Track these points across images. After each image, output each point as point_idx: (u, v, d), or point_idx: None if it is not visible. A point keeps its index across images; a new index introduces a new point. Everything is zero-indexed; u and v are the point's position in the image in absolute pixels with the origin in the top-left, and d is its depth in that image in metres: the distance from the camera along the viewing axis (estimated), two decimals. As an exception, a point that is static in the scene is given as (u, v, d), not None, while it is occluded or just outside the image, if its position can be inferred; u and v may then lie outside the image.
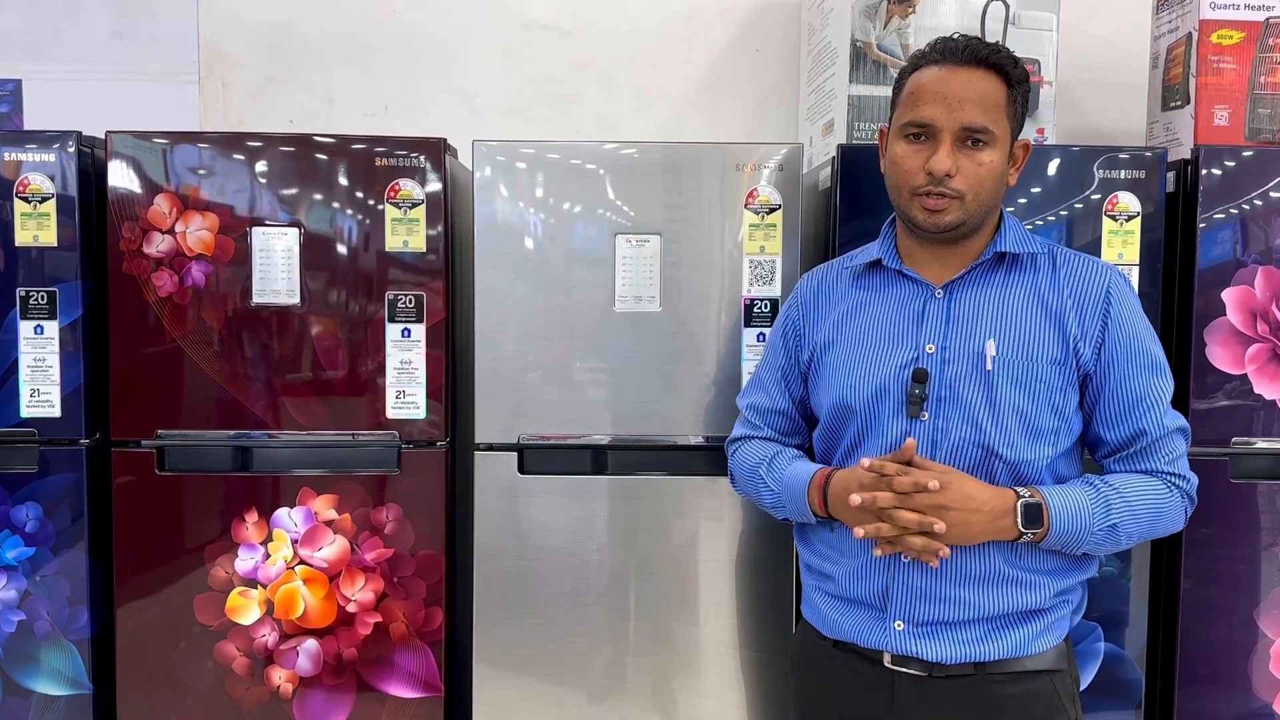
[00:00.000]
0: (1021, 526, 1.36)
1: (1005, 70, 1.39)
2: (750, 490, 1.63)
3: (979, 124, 1.37)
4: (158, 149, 2.03)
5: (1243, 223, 1.99)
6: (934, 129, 1.38)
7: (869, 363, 1.46)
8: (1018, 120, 1.43)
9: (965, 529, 1.34)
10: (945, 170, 1.37)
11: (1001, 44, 1.43)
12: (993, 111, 1.38)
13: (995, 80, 1.39)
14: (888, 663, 1.43)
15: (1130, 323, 1.43)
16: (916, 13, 2.18)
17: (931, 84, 1.39)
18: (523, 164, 2.03)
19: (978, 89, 1.37)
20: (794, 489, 1.50)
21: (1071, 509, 1.37)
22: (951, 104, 1.37)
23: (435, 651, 2.10)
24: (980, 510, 1.34)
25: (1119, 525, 1.38)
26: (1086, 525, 1.37)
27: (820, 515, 1.48)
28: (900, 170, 1.42)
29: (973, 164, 1.38)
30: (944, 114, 1.37)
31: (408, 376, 2.07)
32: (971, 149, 1.38)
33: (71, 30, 2.72)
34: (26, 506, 2.05)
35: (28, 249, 2.03)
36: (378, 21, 2.72)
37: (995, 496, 1.36)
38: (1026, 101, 1.44)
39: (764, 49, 2.76)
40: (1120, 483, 1.41)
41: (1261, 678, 2.04)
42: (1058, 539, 1.37)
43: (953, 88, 1.37)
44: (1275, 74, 2.12)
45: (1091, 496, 1.38)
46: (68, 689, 2.08)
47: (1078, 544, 1.39)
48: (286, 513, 2.07)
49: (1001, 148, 1.40)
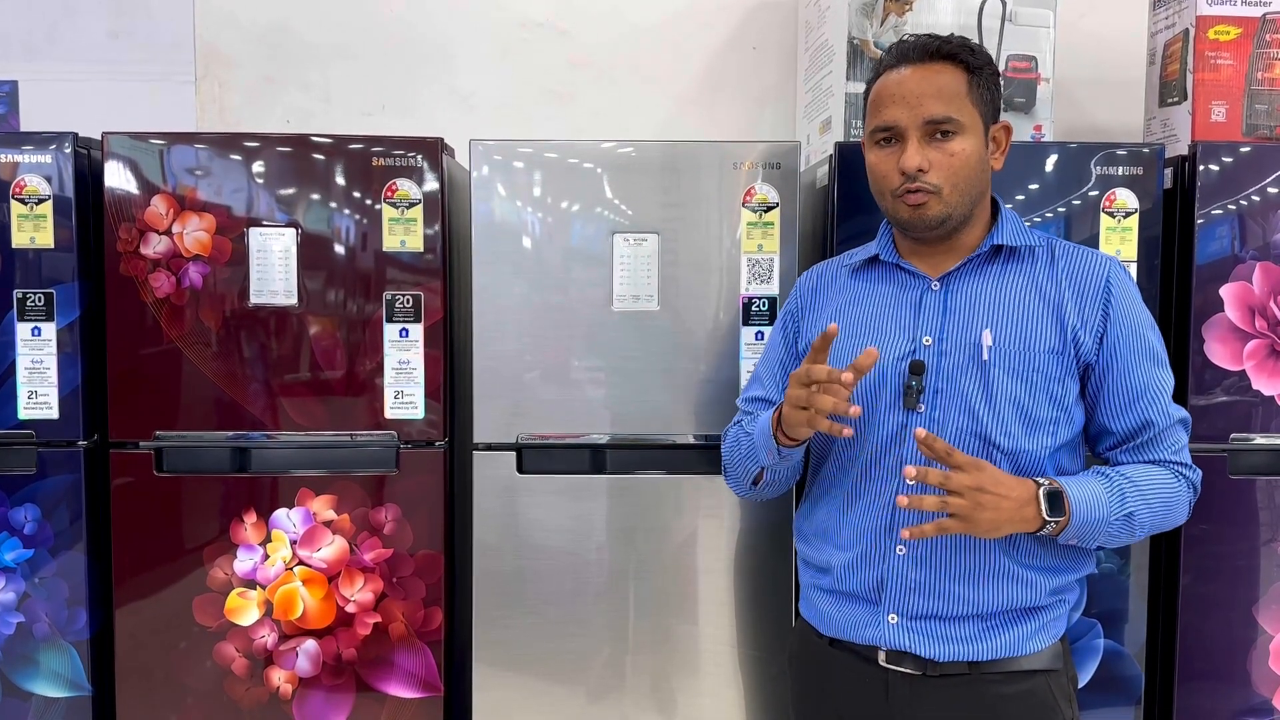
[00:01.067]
0: (1046, 514, 1.33)
1: (961, 58, 1.40)
2: (733, 455, 1.59)
3: (940, 115, 1.38)
4: (154, 150, 2.03)
5: (1240, 219, 1.99)
6: (899, 129, 1.40)
7: None
8: (988, 104, 1.43)
9: (996, 514, 1.31)
10: (916, 166, 1.38)
11: (956, 35, 1.43)
12: (954, 101, 1.39)
13: (953, 69, 1.40)
14: (882, 661, 1.43)
15: (1132, 313, 1.42)
16: (913, 10, 2.18)
17: (890, 87, 1.41)
18: (520, 163, 2.02)
19: (934, 82, 1.39)
20: (762, 426, 1.48)
21: (1089, 498, 1.35)
22: (910, 102, 1.39)
23: (435, 651, 2.10)
24: (1009, 496, 1.32)
25: (1135, 514, 1.37)
26: (1105, 515, 1.35)
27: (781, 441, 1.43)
28: (878, 175, 1.44)
29: (944, 155, 1.38)
30: (905, 113, 1.39)
31: (406, 376, 2.06)
32: (941, 141, 1.39)
33: (68, 31, 2.71)
34: (25, 508, 2.05)
35: (24, 251, 2.03)
36: (374, 21, 2.72)
37: (1020, 484, 1.34)
38: (996, 85, 1.45)
39: (761, 47, 2.76)
40: (1131, 472, 1.40)
41: (1261, 673, 2.04)
42: (1077, 529, 1.35)
43: (909, 86, 1.39)
44: (1272, 70, 2.12)
45: (1106, 486, 1.37)
46: (67, 690, 2.08)
47: (1094, 535, 1.37)
48: (285, 513, 2.07)
49: (973, 134, 1.40)
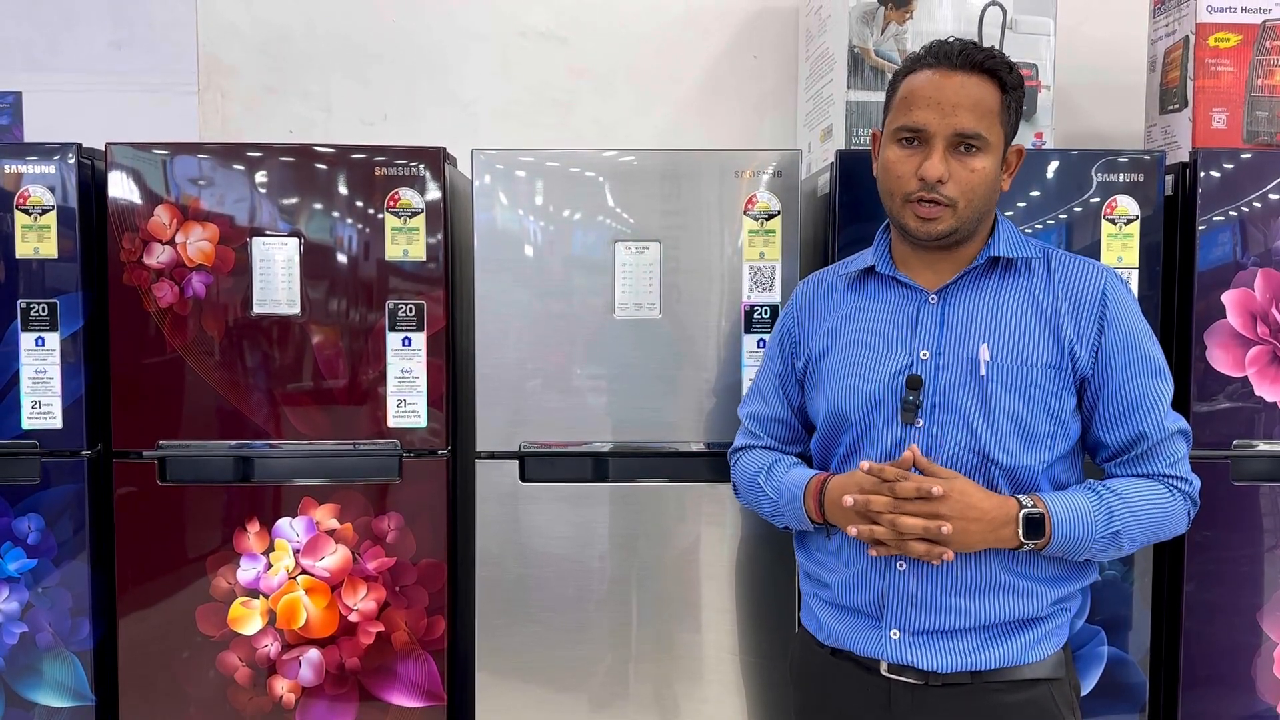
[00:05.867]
0: (1023, 537, 1.35)
1: (1000, 75, 1.38)
2: (751, 500, 1.62)
3: (972, 130, 1.36)
4: (157, 160, 2.04)
5: (1242, 225, 2.00)
6: (927, 134, 1.37)
7: (863, 370, 1.45)
8: (1011, 126, 1.42)
9: (964, 537, 1.34)
10: (937, 176, 1.36)
11: (996, 49, 1.42)
12: (986, 117, 1.37)
13: (990, 85, 1.38)
14: (884, 671, 1.43)
15: (1127, 325, 1.42)
16: (914, 18, 2.18)
17: (925, 88, 1.38)
18: (522, 172, 2.03)
19: (971, 94, 1.36)
20: (791, 496, 1.50)
21: (1074, 518, 1.36)
22: (944, 109, 1.36)
23: (437, 660, 2.10)
24: (980, 520, 1.33)
25: (1121, 532, 1.37)
26: (1089, 533, 1.36)
27: (817, 521, 1.47)
28: (892, 175, 1.41)
29: (965, 170, 1.37)
30: (937, 119, 1.36)
31: (408, 385, 2.07)
32: (964, 155, 1.37)
33: (70, 42, 2.73)
34: (28, 518, 2.05)
35: (28, 261, 2.04)
36: (376, 31, 2.73)
37: (997, 506, 1.35)
38: (1021, 107, 1.43)
39: (762, 55, 2.76)
40: (1122, 488, 1.40)
41: (1265, 680, 2.04)
42: (1059, 547, 1.37)
43: (946, 93, 1.36)
44: (1272, 76, 2.12)
45: (1094, 503, 1.38)
46: (70, 700, 2.08)
47: (1079, 552, 1.38)
48: (288, 522, 2.07)
49: (994, 154, 1.39)
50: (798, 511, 1.49)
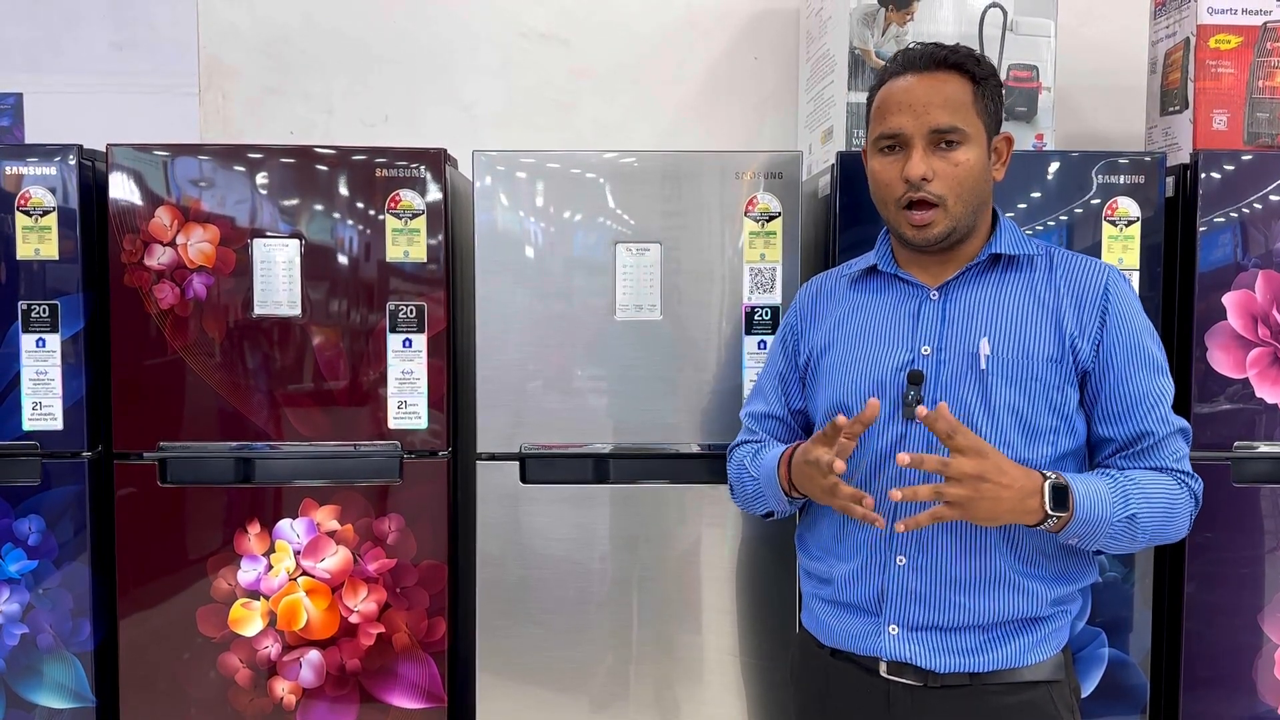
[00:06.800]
0: (1049, 508, 1.32)
1: (967, 68, 1.41)
2: (740, 489, 1.63)
3: (947, 124, 1.38)
4: (158, 161, 2.04)
5: (1242, 226, 2.00)
6: (904, 137, 1.40)
7: (865, 365, 1.46)
8: (991, 115, 1.43)
9: (995, 505, 1.30)
10: (920, 174, 1.38)
11: (962, 45, 1.44)
12: (960, 110, 1.39)
13: (959, 79, 1.40)
14: (884, 672, 1.43)
15: (1130, 320, 1.42)
16: (915, 19, 2.18)
17: (896, 94, 1.41)
18: (523, 173, 2.03)
19: (941, 91, 1.39)
20: (768, 470, 1.51)
21: (1094, 496, 1.34)
22: (917, 110, 1.39)
23: (438, 661, 2.10)
24: (1012, 486, 1.31)
25: (1137, 516, 1.36)
26: (1108, 514, 1.34)
27: (788, 492, 1.48)
28: (881, 184, 1.44)
29: (948, 165, 1.39)
30: (911, 121, 1.39)
31: (409, 386, 2.07)
32: (946, 150, 1.39)
33: (71, 43, 2.73)
34: (29, 519, 2.06)
35: (29, 262, 2.04)
36: (376, 32, 2.73)
37: (1025, 475, 1.33)
38: (999, 95, 1.45)
39: (762, 56, 2.76)
40: (1135, 474, 1.39)
41: (1266, 682, 2.04)
42: (1079, 526, 1.34)
43: (916, 94, 1.39)
44: (1273, 78, 2.12)
45: (1110, 485, 1.36)
46: (71, 701, 2.08)
47: (1096, 535, 1.35)
48: (289, 524, 2.07)
49: (977, 145, 1.40)
50: (774, 485, 1.50)
